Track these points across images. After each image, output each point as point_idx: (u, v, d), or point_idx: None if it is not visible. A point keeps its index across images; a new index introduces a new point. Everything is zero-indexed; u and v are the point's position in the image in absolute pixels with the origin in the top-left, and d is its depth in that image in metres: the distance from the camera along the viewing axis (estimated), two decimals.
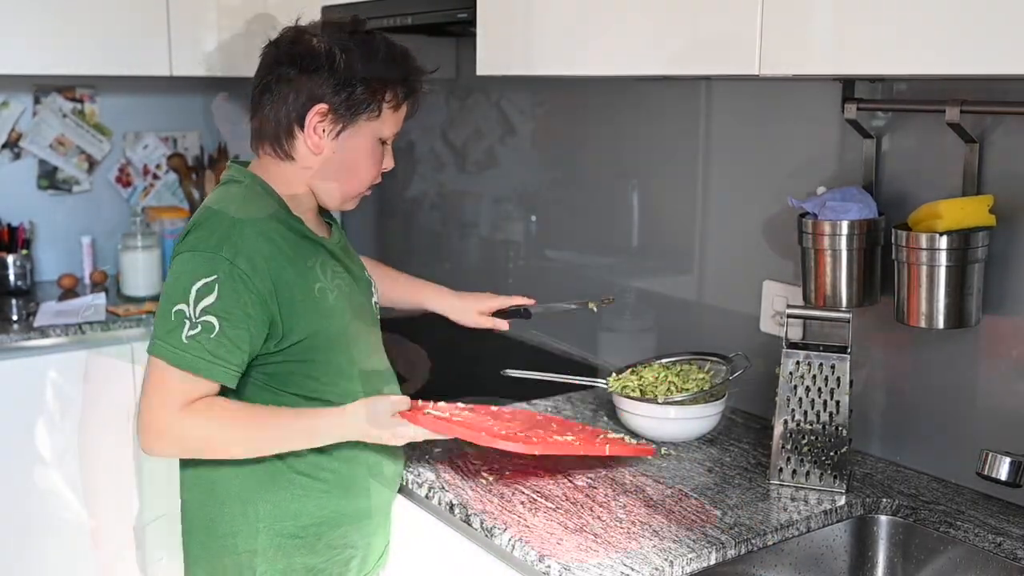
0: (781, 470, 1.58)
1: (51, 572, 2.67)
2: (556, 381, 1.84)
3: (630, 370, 1.88)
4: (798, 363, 1.56)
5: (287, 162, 1.49)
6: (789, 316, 1.62)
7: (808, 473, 1.57)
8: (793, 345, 1.58)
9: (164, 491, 2.19)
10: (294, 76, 1.44)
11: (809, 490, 1.56)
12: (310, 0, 2.35)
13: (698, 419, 1.75)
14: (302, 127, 1.45)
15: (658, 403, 1.74)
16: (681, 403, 1.74)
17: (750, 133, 1.91)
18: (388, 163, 1.55)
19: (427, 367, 1.75)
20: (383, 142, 1.52)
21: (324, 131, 1.45)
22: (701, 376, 1.83)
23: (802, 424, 1.57)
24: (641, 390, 1.78)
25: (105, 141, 3.25)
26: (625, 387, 1.80)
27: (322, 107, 1.44)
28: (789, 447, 1.57)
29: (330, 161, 1.47)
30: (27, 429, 2.62)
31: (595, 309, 1.83)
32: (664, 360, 1.90)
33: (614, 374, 1.87)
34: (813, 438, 1.57)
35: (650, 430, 1.76)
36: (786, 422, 1.57)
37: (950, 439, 1.62)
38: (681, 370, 1.85)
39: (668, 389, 1.78)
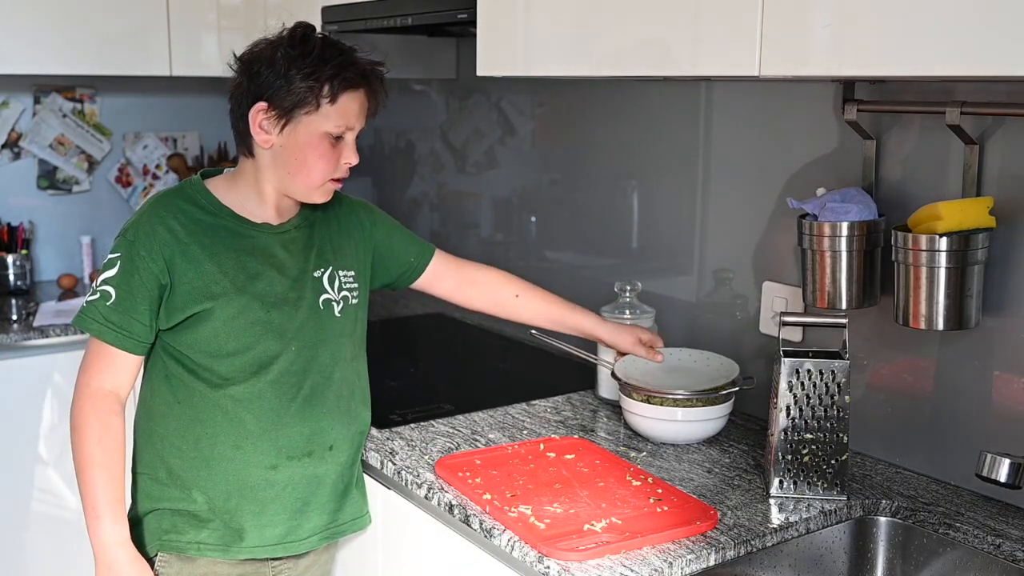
0: (782, 483, 1.54)
1: (50, 571, 2.67)
2: (573, 353, 1.95)
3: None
4: (796, 371, 1.52)
5: (251, 159, 1.62)
6: (784, 323, 1.60)
7: (809, 484, 1.54)
8: (789, 353, 1.53)
9: None
10: (244, 81, 1.58)
11: (809, 498, 1.55)
12: (310, 0, 2.35)
13: (705, 421, 1.74)
14: (249, 126, 1.58)
15: (664, 404, 1.74)
16: (689, 403, 1.74)
17: (750, 134, 1.91)
18: (350, 158, 1.60)
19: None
20: (335, 136, 1.57)
21: (268, 127, 1.56)
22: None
23: (802, 433, 1.53)
24: (648, 394, 1.77)
25: (105, 141, 3.25)
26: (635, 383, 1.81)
27: (261, 104, 1.55)
28: (788, 458, 1.54)
29: (279, 155, 1.58)
30: (27, 429, 2.62)
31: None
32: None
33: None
34: (814, 447, 1.53)
35: (655, 431, 1.76)
36: (785, 432, 1.53)
37: (949, 441, 1.62)
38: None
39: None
